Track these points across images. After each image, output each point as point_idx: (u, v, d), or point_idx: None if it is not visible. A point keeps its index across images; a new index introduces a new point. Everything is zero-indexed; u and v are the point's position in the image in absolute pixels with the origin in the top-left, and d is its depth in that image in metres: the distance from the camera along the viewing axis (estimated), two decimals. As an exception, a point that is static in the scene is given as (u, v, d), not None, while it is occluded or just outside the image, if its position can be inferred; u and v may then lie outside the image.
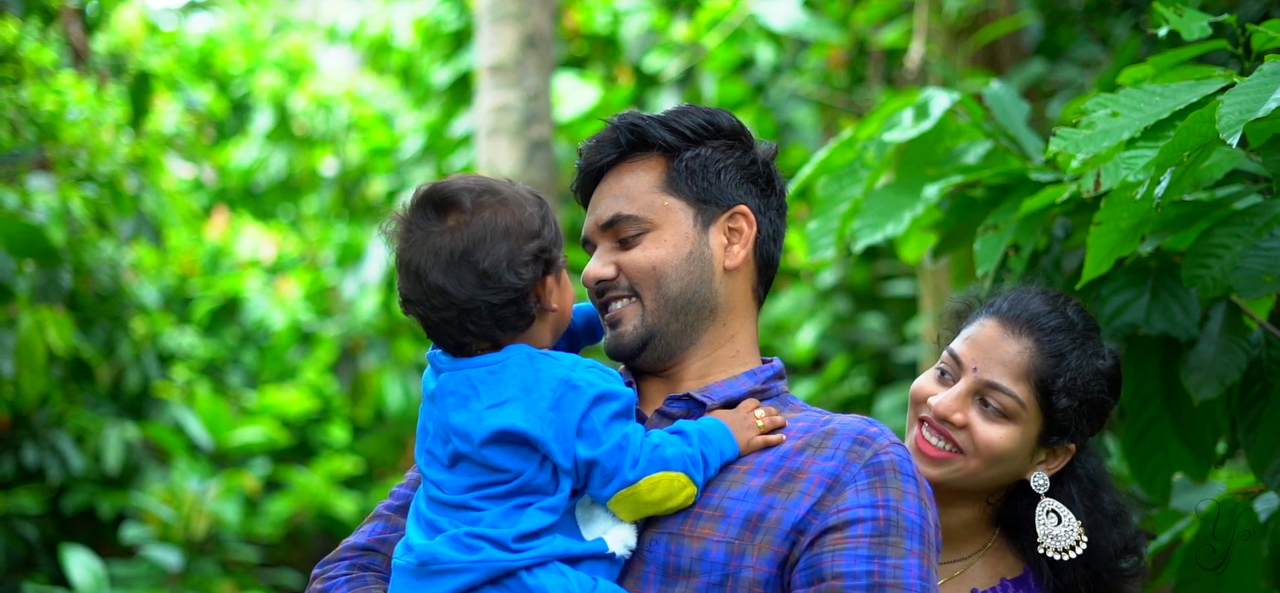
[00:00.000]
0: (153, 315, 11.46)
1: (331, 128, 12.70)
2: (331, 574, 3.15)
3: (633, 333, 3.12)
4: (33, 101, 8.90)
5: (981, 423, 3.37)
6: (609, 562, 2.91)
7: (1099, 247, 3.58)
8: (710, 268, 3.15)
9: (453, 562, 2.86)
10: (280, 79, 12.95)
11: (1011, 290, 3.51)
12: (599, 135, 3.23)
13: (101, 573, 8.84)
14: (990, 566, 3.47)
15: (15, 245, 7.12)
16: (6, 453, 10.28)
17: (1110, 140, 3.26)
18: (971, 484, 3.41)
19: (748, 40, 9.75)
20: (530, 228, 2.94)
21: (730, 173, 3.18)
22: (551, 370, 2.90)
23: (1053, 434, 3.39)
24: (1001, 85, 4.55)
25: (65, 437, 10.28)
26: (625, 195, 3.15)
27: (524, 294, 2.93)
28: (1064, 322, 3.40)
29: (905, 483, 2.94)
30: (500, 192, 2.96)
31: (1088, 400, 3.38)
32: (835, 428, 3.01)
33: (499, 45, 7.71)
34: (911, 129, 4.25)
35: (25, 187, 8.09)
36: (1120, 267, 4.01)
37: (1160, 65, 3.80)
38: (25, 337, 7.94)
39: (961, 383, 3.40)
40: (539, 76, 7.72)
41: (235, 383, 12.67)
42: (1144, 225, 3.56)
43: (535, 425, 2.85)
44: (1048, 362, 3.36)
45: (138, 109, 9.58)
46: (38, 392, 8.14)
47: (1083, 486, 3.45)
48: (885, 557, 2.86)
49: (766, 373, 3.19)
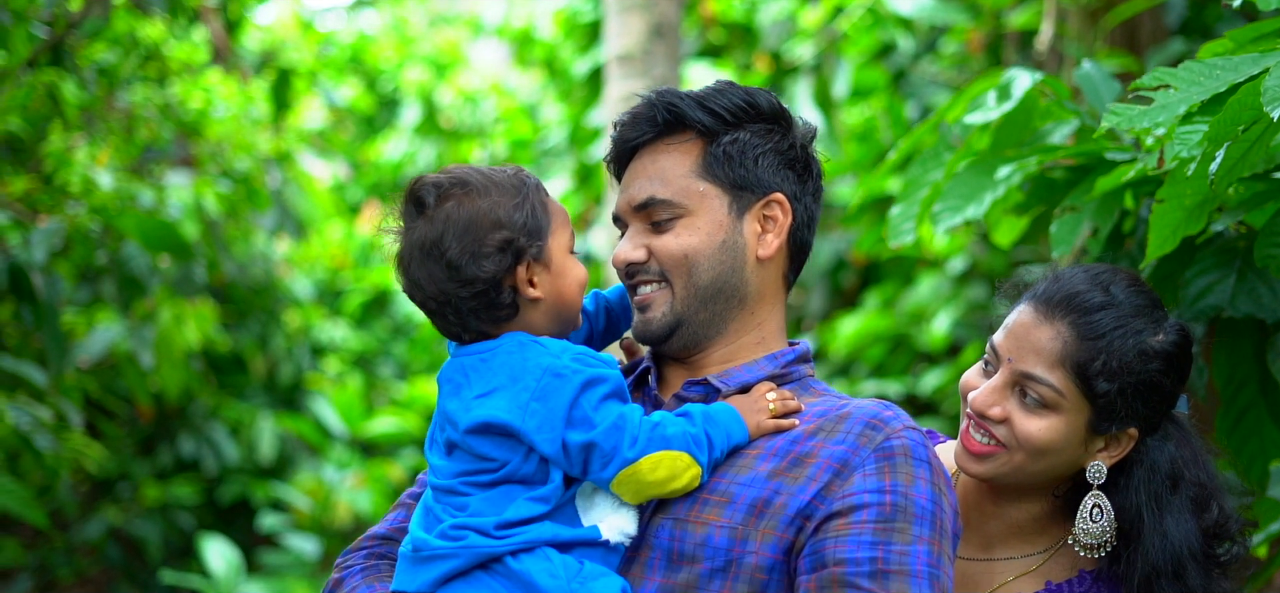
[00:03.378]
0: (305, 308, 11.67)
1: (478, 121, 12.81)
2: (349, 564, 3.18)
3: (661, 319, 3.09)
4: (181, 98, 9.10)
5: (1022, 415, 3.22)
6: (605, 549, 2.89)
7: (1162, 225, 3.45)
8: (743, 257, 3.11)
9: (439, 549, 2.88)
10: (428, 73, 13.08)
11: (1058, 271, 3.34)
12: (635, 111, 3.18)
13: (237, 562, 9.02)
14: (1069, 557, 3.32)
15: (150, 240, 7.30)
16: (164, 444, 10.56)
17: (1166, 115, 3.15)
18: (1023, 479, 3.27)
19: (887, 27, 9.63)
20: (494, 217, 2.92)
21: (768, 159, 3.13)
22: (537, 359, 2.89)
23: (1104, 421, 3.21)
24: (1093, 65, 4.43)
25: (220, 428, 10.52)
26: (660, 178, 3.10)
27: (493, 285, 2.92)
28: (1105, 300, 3.22)
29: (917, 468, 2.87)
30: (468, 182, 2.95)
31: (1136, 383, 3.19)
32: (849, 412, 2.96)
33: (627, 35, 7.68)
34: (994, 110, 4.16)
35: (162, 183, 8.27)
36: (1207, 247, 3.88)
37: (1239, 40, 3.65)
38: (164, 331, 8.13)
39: (999, 375, 3.26)
40: (667, 66, 7.66)
41: (385, 375, 12.84)
42: (1210, 203, 3.43)
43: (517, 417, 2.84)
44: (1084, 346, 3.18)
45: (279, 105, 9.77)
46: (177, 384, 8.35)
47: (1150, 473, 3.26)
48: (891, 543, 2.80)
49: (788, 357, 3.14)
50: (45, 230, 6.80)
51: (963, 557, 3.36)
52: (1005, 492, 3.33)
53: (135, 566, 10.17)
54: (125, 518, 10.14)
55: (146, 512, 10.19)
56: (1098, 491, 3.27)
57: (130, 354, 8.28)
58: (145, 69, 8.72)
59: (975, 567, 3.36)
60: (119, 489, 10.51)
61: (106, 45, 8.37)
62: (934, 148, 4.33)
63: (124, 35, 8.50)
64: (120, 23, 8.39)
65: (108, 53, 8.27)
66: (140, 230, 7.23)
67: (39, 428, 6.81)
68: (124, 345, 8.31)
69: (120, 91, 8.51)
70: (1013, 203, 4.32)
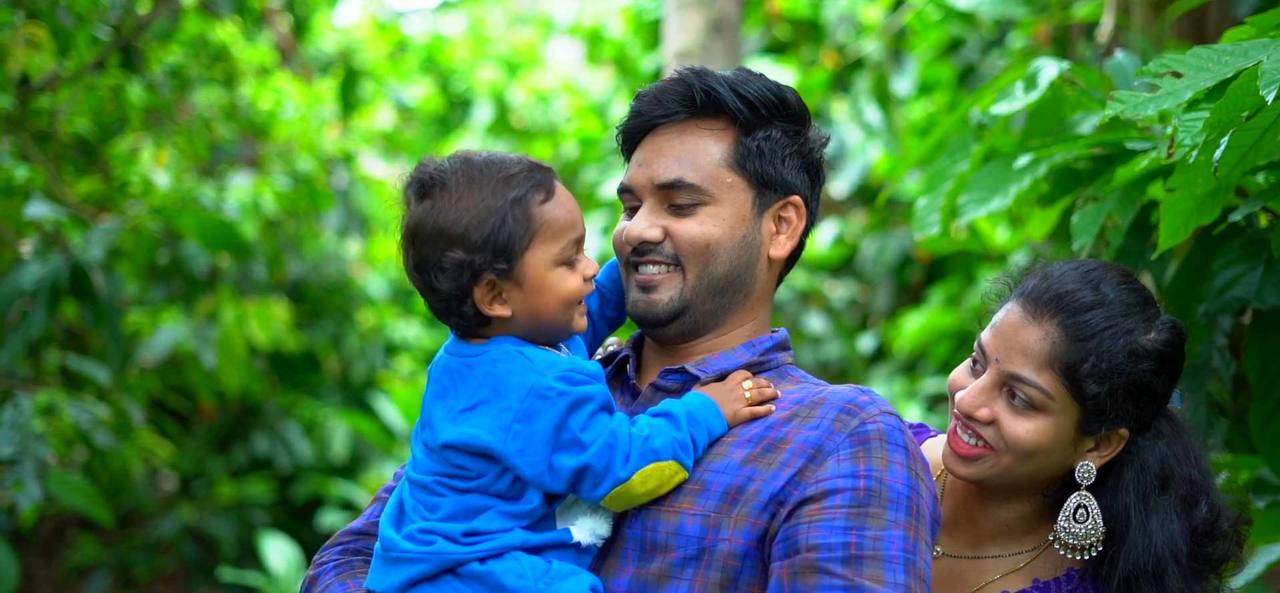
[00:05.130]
0: (379, 307, 11.73)
1: (550, 120, 12.83)
2: (323, 560, 3.15)
3: (667, 303, 3.02)
4: (252, 99, 9.19)
5: (1010, 417, 3.14)
6: (577, 551, 2.85)
7: (1173, 215, 3.37)
8: (757, 254, 3.07)
9: (407, 552, 2.85)
10: (500, 73, 13.12)
11: (1047, 267, 3.24)
12: (665, 86, 3.08)
13: (298, 560, 9.08)
14: (1057, 556, 3.25)
15: (209, 239, 7.36)
16: (238, 443, 10.66)
17: (1172, 101, 3.09)
18: (1011, 480, 3.20)
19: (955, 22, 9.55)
20: (456, 232, 2.82)
21: (792, 160, 3.08)
22: (522, 377, 2.81)
23: (1094, 422, 3.14)
24: (1125, 54, 4.35)
25: (294, 427, 10.60)
26: (690, 160, 3.02)
27: (453, 298, 2.85)
28: (1095, 298, 3.12)
29: (892, 452, 2.82)
30: (450, 183, 2.85)
31: (1126, 384, 3.10)
32: (825, 398, 2.91)
33: (685, 32, 7.65)
34: (1019, 100, 4.10)
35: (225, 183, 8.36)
36: (1235, 238, 3.81)
37: (1262, 25, 3.57)
38: (226, 330, 8.21)
39: (986, 376, 3.18)
40: (726, 62, 7.62)
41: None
42: (1223, 192, 3.34)
43: (499, 439, 2.79)
44: (1073, 347, 3.10)
45: (347, 105, 9.84)
46: (239, 383, 8.42)
47: (1140, 473, 3.18)
48: (865, 528, 2.74)
49: (765, 344, 3.09)
50: (103, 229, 6.88)
51: (951, 554, 3.32)
52: (994, 491, 3.27)
53: (210, 563, 10.28)
54: (200, 516, 10.23)
55: (221, 510, 10.28)
56: (1085, 492, 3.19)
57: (193, 353, 8.37)
58: (212, 71, 8.81)
59: (964, 564, 3.31)
60: (194, 488, 10.62)
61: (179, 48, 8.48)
62: (961, 138, 4.28)
63: (195, 38, 8.60)
64: (191, 25, 8.48)
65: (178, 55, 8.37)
66: (200, 229, 7.29)
67: (98, 426, 6.88)
68: (187, 345, 8.40)
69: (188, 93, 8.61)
70: (1038, 194, 4.26)
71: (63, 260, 6.67)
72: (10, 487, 6.42)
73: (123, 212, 7.37)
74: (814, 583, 2.72)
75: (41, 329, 6.67)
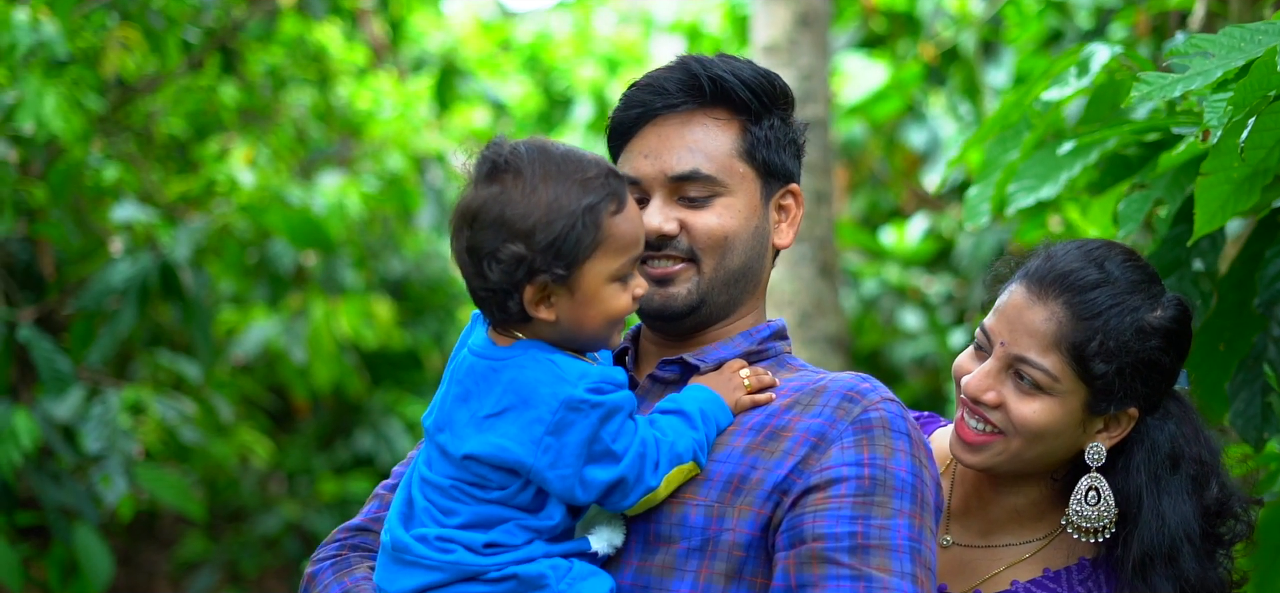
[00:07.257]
0: (479, 306, 11.78)
1: (649, 116, 12.81)
2: (321, 557, 3.11)
3: (685, 297, 2.96)
4: (349, 100, 9.28)
5: (1017, 399, 3.08)
6: (592, 560, 2.80)
7: (1208, 200, 3.27)
8: (766, 244, 3.04)
9: (424, 558, 2.77)
10: (600, 71, 13.13)
11: (1050, 248, 3.18)
12: (669, 74, 3.00)
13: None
14: (1068, 544, 3.20)
15: (295, 237, 7.45)
16: (341, 440, 10.77)
17: (1201, 82, 3.00)
18: (1020, 466, 3.15)
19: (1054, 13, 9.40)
20: (523, 226, 2.68)
21: (789, 148, 3.05)
22: (553, 388, 2.70)
23: (1102, 402, 3.08)
24: (1184, 38, 4.25)
25: (396, 424, 10.68)
26: (702, 151, 2.95)
27: (502, 291, 2.72)
28: (1100, 277, 3.07)
29: (896, 440, 2.77)
30: (522, 175, 2.70)
31: (1134, 362, 3.05)
32: (826, 385, 2.86)
33: (773, 25, 7.58)
34: (1071, 86, 4.02)
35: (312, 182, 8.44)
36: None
37: (1314, 5, 3.48)
38: (316, 327, 8.30)
39: (992, 359, 3.13)
40: (814, 55, 7.53)
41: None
42: (1261, 176, 3.24)
43: (529, 452, 2.70)
44: (1079, 326, 3.04)
45: (442, 104, 9.90)
46: (330, 379, 8.51)
47: (1150, 453, 3.13)
48: (870, 517, 2.70)
49: (763, 333, 3.04)
50: (190, 228, 6.99)
51: (962, 543, 3.27)
52: (1004, 478, 3.22)
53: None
54: (303, 513, 10.34)
55: (324, 506, 10.39)
56: (1096, 473, 3.14)
57: (283, 350, 8.46)
58: (307, 72, 8.91)
59: (975, 553, 3.26)
60: (297, 484, 10.75)
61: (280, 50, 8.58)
62: (1014, 126, 4.20)
63: (293, 39, 8.70)
64: (289, 26, 8.58)
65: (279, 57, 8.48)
66: (287, 227, 7.39)
67: (185, 422, 7.00)
68: (278, 342, 8.50)
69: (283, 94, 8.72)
70: (1088, 181, 4.17)
71: (152, 259, 6.79)
72: (98, 481, 6.55)
73: (211, 211, 7.49)
74: (821, 573, 2.68)
75: (131, 327, 6.80)
